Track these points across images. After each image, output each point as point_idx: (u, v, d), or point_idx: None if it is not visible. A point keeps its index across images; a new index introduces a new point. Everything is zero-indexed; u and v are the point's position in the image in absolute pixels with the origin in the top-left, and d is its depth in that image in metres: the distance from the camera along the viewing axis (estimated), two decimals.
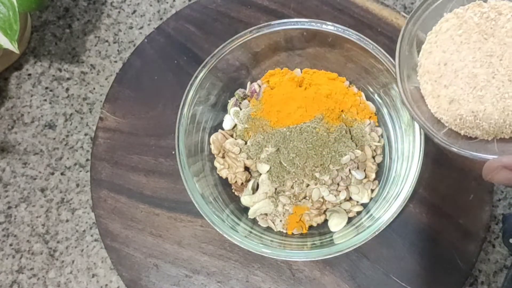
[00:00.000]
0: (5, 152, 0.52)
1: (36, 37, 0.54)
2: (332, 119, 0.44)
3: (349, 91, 0.46)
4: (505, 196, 0.50)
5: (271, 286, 0.45)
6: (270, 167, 0.43)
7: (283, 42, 0.45)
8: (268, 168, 0.43)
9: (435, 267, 0.45)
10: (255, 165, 0.44)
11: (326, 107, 0.43)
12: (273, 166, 0.43)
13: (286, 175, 0.43)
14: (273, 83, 0.46)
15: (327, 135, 0.43)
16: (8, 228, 0.50)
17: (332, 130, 0.43)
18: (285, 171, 0.43)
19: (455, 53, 0.36)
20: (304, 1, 0.50)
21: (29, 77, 0.53)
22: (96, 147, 0.48)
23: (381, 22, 0.49)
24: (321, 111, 0.43)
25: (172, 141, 0.46)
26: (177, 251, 0.46)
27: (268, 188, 0.43)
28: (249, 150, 0.44)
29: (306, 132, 0.42)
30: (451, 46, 0.36)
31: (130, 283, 0.46)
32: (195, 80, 0.43)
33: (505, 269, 0.48)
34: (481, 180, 0.34)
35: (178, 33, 0.50)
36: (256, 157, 0.44)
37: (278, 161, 0.43)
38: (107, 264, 0.49)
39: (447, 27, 0.37)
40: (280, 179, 0.43)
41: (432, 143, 0.37)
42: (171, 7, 0.54)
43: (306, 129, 0.42)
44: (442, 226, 0.45)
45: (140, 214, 0.47)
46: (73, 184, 0.51)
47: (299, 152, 0.42)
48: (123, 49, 0.53)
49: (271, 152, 0.43)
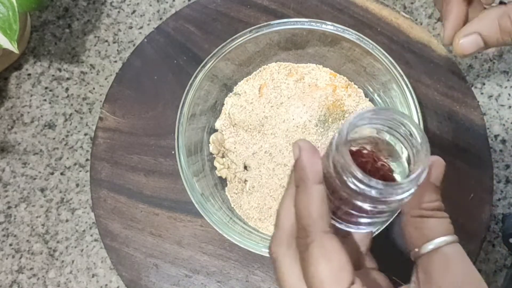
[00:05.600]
0: (5, 152, 0.52)
1: (35, 37, 0.54)
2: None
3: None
4: (505, 196, 0.50)
5: (271, 286, 0.45)
6: (272, 166, 0.43)
7: (283, 42, 0.45)
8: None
9: None
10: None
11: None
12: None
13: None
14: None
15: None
16: (8, 228, 0.50)
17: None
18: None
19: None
20: (304, 1, 0.50)
21: (29, 77, 0.53)
22: (96, 147, 0.48)
23: (380, 22, 0.49)
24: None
25: (172, 141, 0.46)
26: (177, 251, 0.46)
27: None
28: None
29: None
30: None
31: (130, 283, 0.46)
32: (194, 80, 0.43)
33: (505, 269, 0.48)
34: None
35: (178, 33, 0.50)
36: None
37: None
38: (107, 264, 0.49)
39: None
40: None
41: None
42: (171, 7, 0.54)
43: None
44: None
45: (140, 214, 0.47)
46: (73, 184, 0.51)
47: None
48: (122, 49, 0.53)
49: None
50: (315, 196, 0.25)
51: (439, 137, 0.47)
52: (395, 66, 0.42)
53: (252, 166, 0.45)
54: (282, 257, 0.25)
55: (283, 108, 0.45)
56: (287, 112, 0.45)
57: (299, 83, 0.46)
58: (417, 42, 0.48)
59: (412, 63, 0.48)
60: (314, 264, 0.23)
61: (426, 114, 0.47)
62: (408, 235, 0.26)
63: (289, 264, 0.25)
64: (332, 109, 0.44)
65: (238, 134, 0.45)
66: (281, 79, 0.46)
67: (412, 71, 0.48)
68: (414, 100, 0.42)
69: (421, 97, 0.47)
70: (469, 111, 0.47)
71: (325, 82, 0.46)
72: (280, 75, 0.46)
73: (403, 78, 0.42)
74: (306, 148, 0.25)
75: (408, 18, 0.49)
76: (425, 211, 0.26)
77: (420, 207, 0.26)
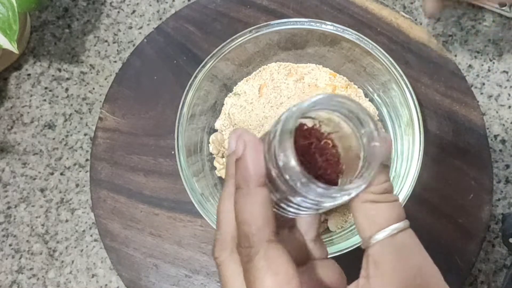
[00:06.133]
0: (5, 152, 0.52)
1: (35, 37, 0.54)
2: None
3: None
4: (504, 196, 0.50)
5: None
6: None
7: (283, 42, 0.45)
8: None
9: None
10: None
11: None
12: None
13: None
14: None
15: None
16: (8, 228, 0.50)
17: None
18: None
19: None
20: (304, 1, 0.50)
21: (29, 77, 0.53)
22: (96, 147, 0.48)
23: (380, 22, 0.49)
24: None
25: (171, 141, 0.46)
26: (176, 251, 0.46)
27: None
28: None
29: None
30: None
31: (129, 283, 0.46)
32: (194, 80, 0.43)
33: (505, 269, 0.48)
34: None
35: (177, 33, 0.50)
36: None
37: None
38: (107, 264, 0.49)
39: None
40: None
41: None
42: (171, 7, 0.54)
43: None
44: (442, 226, 0.45)
45: (140, 214, 0.47)
46: (72, 184, 0.51)
47: None
48: (122, 49, 0.53)
49: None
50: (259, 200, 0.23)
51: (439, 137, 0.47)
52: (394, 66, 0.42)
53: None
54: (226, 262, 0.24)
55: (283, 108, 0.45)
56: None
57: (299, 83, 0.46)
58: (417, 42, 0.48)
59: (411, 63, 0.48)
60: (259, 278, 0.22)
61: (426, 114, 0.47)
62: (358, 223, 0.24)
63: (234, 270, 0.24)
64: None
65: None
66: (280, 79, 0.46)
67: (412, 71, 0.48)
68: (414, 100, 0.41)
69: (421, 97, 0.47)
70: (469, 111, 0.47)
71: (325, 82, 0.46)
72: (280, 75, 0.46)
73: (402, 78, 0.42)
74: (252, 144, 0.23)
75: (408, 18, 0.49)
76: (374, 195, 0.23)
77: (369, 190, 0.23)
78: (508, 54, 0.52)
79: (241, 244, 0.23)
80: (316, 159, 0.24)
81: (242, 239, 0.23)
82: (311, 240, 0.27)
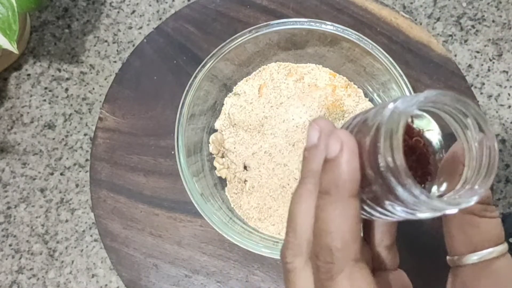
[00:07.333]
0: (5, 152, 0.52)
1: (35, 37, 0.54)
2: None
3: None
4: (505, 195, 0.50)
5: (270, 286, 0.45)
6: (272, 166, 0.43)
7: (283, 42, 0.45)
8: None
9: (435, 266, 0.45)
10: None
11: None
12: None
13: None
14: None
15: None
16: (8, 228, 0.50)
17: None
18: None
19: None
20: (304, 1, 0.50)
21: (29, 77, 0.53)
22: (96, 147, 0.48)
23: (380, 22, 0.49)
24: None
25: (171, 141, 0.46)
26: (176, 251, 0.46)
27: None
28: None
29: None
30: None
31: (129, 283, 0.46)
32: (194, 80, 0.43)
33: None
34: None
35: (177, 33, 0.50)
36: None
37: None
38: (107, 264, 0.49)
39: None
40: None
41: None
42: (170, 7, 0.54)
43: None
44: (442, 226, 0.45)
45: (140, 214, 0.47)
46: (72, 184, 0.51)
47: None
48: (122, 49, 0.53)
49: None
50: (350, 213, 0.20)
51: None
52: (394, 66, 0.42)
53: (251, 166, 0.45)
54: (299, 271, 0.22)
55: (283, 108, 0.45)
56: (286, 112, 0.45)
57: (299, 83, 0.46)
58: (417, 42, 0.48)
59: (411, 63, 0.48)
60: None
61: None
62: (451, 235, 0.21)
63: (306, 280, 0.21)
64: (331, 109, 0.44)
65: (238, 134, 0.45)
66: (280, 79, 0.46)
67: (412, 71, 0.48)
68: None
69: None
70: None
71: (325, 82, 0.46)
72: (279, 75, 0.46)
73: (402, 78, 0.42)
74: (350, 147, 0.20)
75: (407, 18, 0.49)
76: (475, 205, 0.20)
77: None
78: (508, 54, 0.52)
79: (320, 257, 0.20)
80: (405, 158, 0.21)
81: (322, 252, 0.20)
82: (385, 247, 0.25)
